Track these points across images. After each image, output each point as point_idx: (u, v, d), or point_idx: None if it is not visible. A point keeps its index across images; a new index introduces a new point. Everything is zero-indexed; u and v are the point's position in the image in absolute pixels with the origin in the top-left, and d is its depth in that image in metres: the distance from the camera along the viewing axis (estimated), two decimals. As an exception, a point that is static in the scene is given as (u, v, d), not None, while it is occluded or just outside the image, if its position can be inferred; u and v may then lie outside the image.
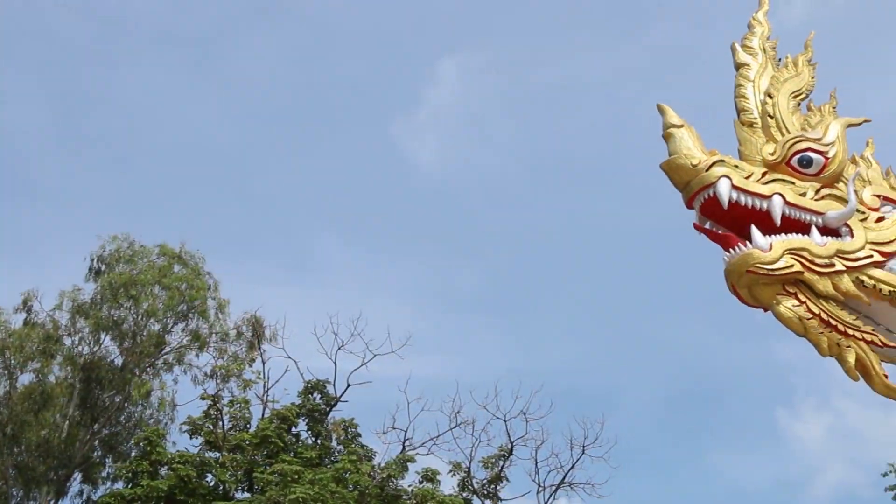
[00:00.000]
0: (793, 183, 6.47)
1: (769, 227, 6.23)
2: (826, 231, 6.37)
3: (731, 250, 6.18)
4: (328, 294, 45.67)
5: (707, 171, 6.29)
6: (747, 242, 6.14)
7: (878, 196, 6.76)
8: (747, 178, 6.36)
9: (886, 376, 6.19)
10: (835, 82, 7.38)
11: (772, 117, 6.91)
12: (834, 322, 6.09)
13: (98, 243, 29.15)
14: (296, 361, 24.94)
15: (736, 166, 6.41)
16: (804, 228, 6.32)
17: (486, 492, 24.53)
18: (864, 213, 6.55)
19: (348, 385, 24.49)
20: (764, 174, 6.44)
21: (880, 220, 6.56)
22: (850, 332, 6.11)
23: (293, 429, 23.66)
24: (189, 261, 29.45)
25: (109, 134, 54.50)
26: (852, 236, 6.37)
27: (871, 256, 6.33)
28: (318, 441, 23.69)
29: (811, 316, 6.07)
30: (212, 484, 22.08)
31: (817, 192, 6.49)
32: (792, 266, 6.09)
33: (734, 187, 6.26)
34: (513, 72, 56.97)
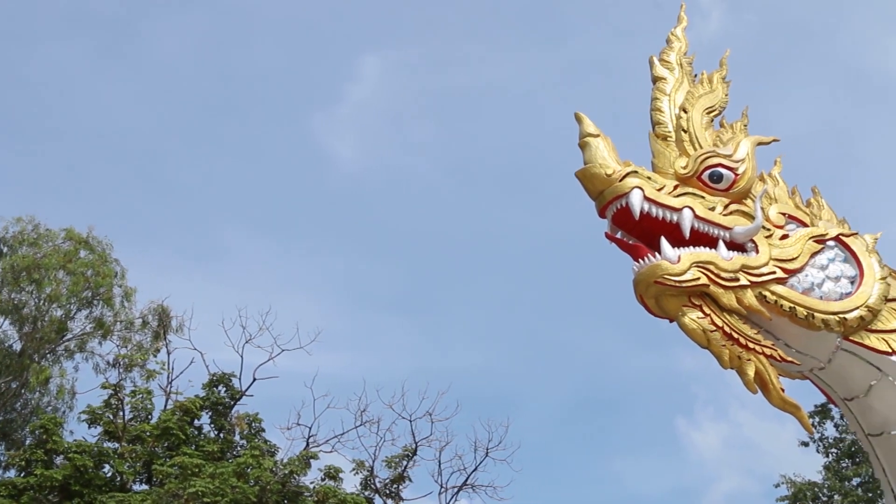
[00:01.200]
0: (703, 197, 6.59)
1: (678, 240, 6.33)
2: (733, 246, 6.49)
3: (640, 260, 6.26)
4: (237, 286, 45.09)
5: (621, 181, 6.37)
6: (656, 254, 6.22)
7: (784, 214, 6.91)
8: (659, 190, 6.46)
9: (783, 390, 6.30)
10: (746, 100, 7.55)
11: (685, 132, 7.01)
12: (736, 335, 6.19)
13: (0, 224, 28.35)
14: (202, 353, 24.69)
15: (649, 178, 6.50)
16: (712, 242, 6.44)
17: (388, 491, 24.49)
18: (769, 230, 6.69)
19: (254, 379, 24.26)
20: (675, 187, 6.55)
21: (784, 237, 6.71)
22: (752, 345, 6.21)
23: (196, 421, 23.33)
24: (96, 246, 28.73)
25: (15, 113, 52.87)
26: (757, 252, 6.50)
27: (775, 273, 6.45)
28: (221, 435, 23.38)
29: (714, 328, 6.16)
30: (109, 475, 21.61)
31: (726, 207, 6.62)
32: (698, 279, 6.19)
33: (646, 198, 6.35)
34: (434, 72, 57.03)
